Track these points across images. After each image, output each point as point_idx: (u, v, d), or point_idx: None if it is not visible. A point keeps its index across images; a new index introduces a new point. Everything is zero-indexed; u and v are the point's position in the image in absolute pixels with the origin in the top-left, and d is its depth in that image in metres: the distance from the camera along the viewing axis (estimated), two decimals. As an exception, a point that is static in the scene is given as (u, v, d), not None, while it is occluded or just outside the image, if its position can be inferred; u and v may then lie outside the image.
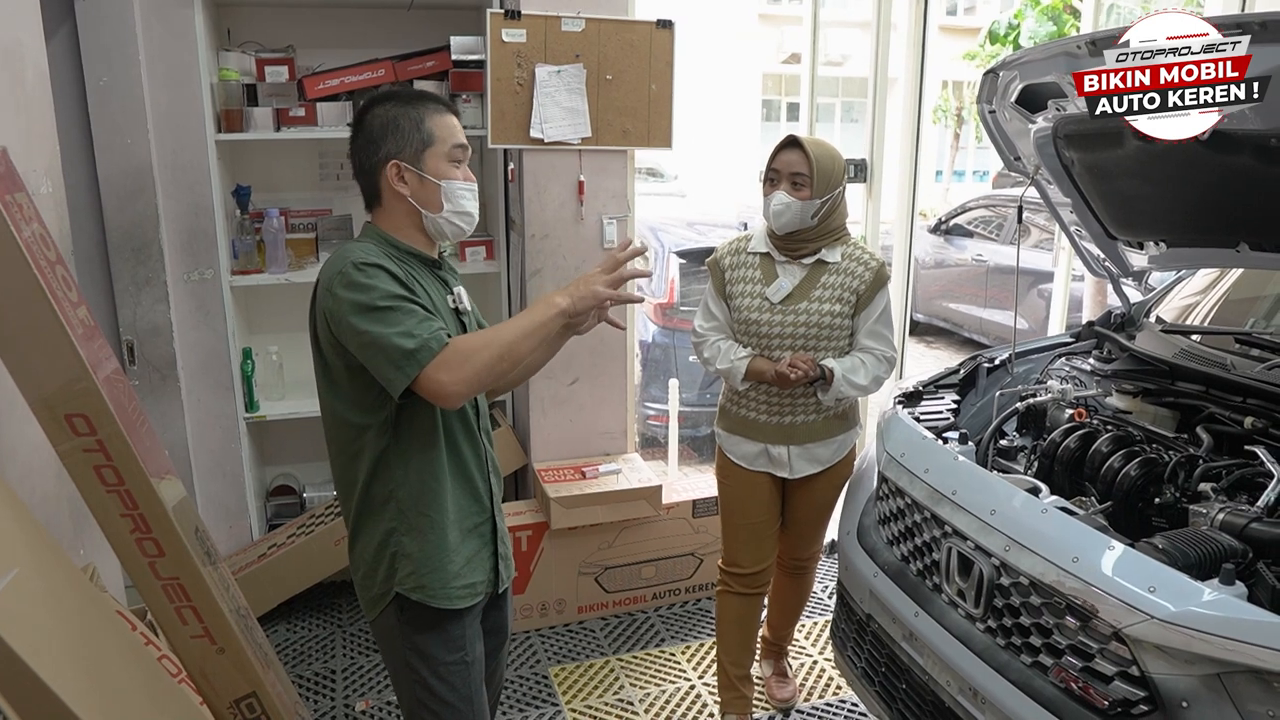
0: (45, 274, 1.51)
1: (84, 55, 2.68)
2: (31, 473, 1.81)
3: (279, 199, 3.21)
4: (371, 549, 1.64)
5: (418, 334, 1.46)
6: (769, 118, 17.84)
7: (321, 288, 1.55)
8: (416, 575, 1.61)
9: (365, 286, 1.48)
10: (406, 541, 1.62)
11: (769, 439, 2.38)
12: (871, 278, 2.29)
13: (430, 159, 1.59)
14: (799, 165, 2.22)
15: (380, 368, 1.48)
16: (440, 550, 1.62)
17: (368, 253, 1.53)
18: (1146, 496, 1.80)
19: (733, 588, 2.50)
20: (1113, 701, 1.45)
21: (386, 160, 1.57)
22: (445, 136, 1.60)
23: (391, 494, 1.61)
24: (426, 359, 1.45)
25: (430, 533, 1.62)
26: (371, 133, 1.57)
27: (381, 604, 1.64)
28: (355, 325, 1.47)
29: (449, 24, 3.11)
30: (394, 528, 1.62)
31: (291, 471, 3.48)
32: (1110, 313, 2.52)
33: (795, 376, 2.21)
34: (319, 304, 1.57)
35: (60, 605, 1.44)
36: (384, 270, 1.50)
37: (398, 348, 1.45)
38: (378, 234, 1.62)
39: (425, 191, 1.59)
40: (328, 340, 1.56)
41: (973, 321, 7.34)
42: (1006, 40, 9.26)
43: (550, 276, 3.11)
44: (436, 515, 1.62)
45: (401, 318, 1.47)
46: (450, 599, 1.64)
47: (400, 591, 1.62)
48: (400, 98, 1.61)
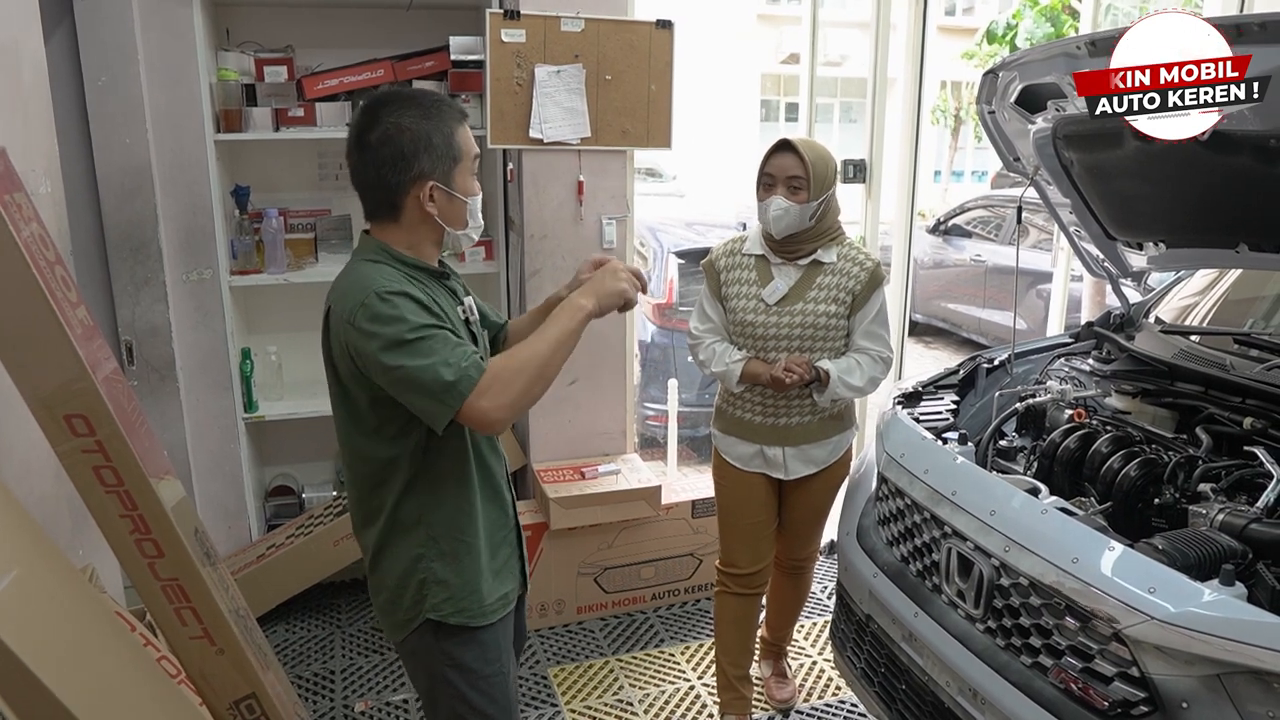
0: (44, 274, 1.50)
1: (82, 55, 2.67)
2: (30, 473, 1.80)
3: (278, 199, 3.21)
4: (395, 575, 1.59)
5: (453, 363, 1.40)
6: (767, 118, 17.85)
7: (339, 319, 1.47)
8: (454, 600, 1.58)
9: (392, 318, 1.40)
10: (438, 568, 1.57)
11: (764, 440, 2.38)
12: (867, 278, 2.28)
13: (459, 176, 1.53)
14: (795, 169, 2.20)
15: (419, 402, 1.42)
16: (476, 572, 1.60)
17: (386, 279, 1.45)
18: (1146, 497, 1.80)
19: (730, 588, 2.50)
20: (1113, 702, 1.45)
21: (420, 179, 1.49)
22: (469, 150, 1.54)
23: (420, 520, 1.56)
24: (468, 389, 1.39)
25: (465, 557, 1.59)
26: (401, 148, 1.46)
27: (409, 628, 1.61)
28: (386, 361, 1.40)
29: (448, 24, 3.10)
30: (422, 554, 1.57)
31: (290, 472, 3.48)
32: (1109, 313, 2.52)
33: (790, 380, 2.20)
34: (339, 336, 1.48)
35: (59, 606, 1.43)
36: (408, 298, 1.43)
37: (437, 380, 1.39)
38: (383, 250, 1.53)
39: (453, 210, 1.54)
40: (350, 374, 1.49)
41: (971, 322, 7.34)
42: (1004, 40, 9.27)
43: (549, 277, 3.10)
44: (471, 539, 1.59)
45: (435, 347, 1.40)
46: (487, 615, 1.62)
47: (434, 618, 1.58)
48: (420, 106, 1.50)
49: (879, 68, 3.36)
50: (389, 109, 1.49)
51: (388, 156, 1.47)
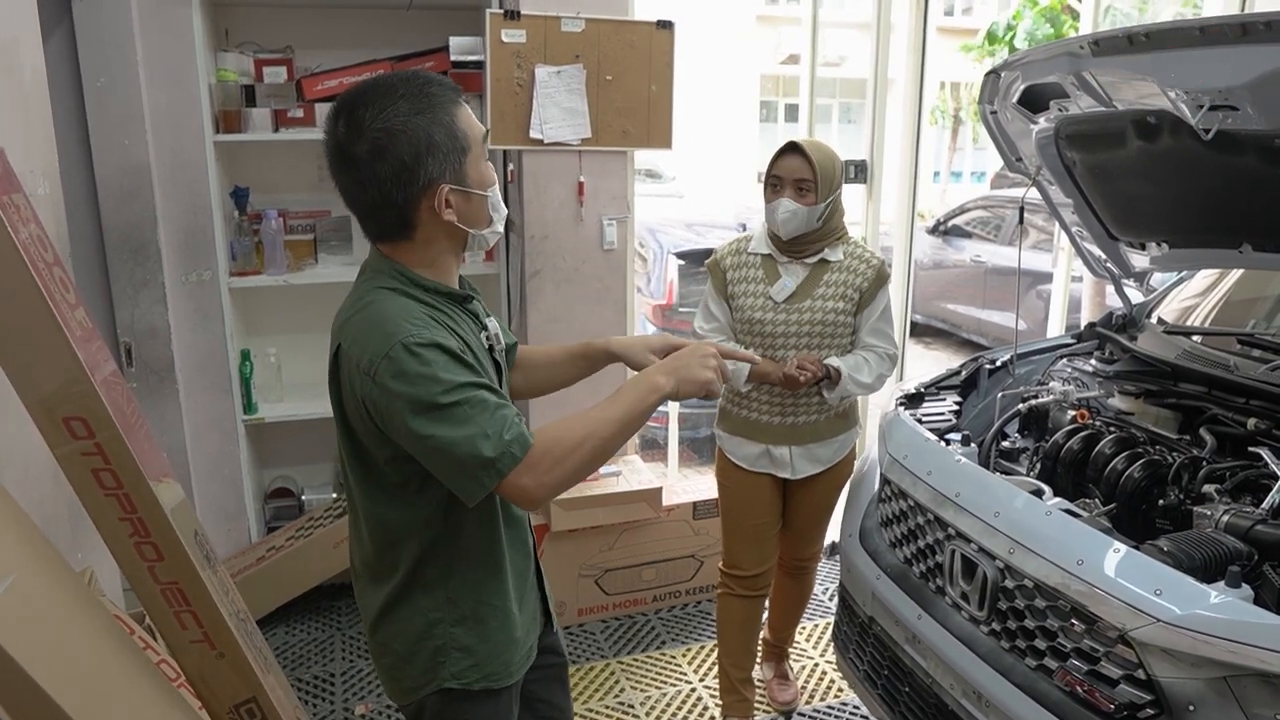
0: (43, 276, 1.50)
1: (81, 55, 2.66)
2: (29, 476, 1.79)
3: (277, 200, 3.20)
4: (406, 640, 1.40)
5: (493, 434, 1.20)
6: (767, 119, 17.85)
7: (355, 368, 1.24)
8: (479, 667, 1.40)
9: (423, 378, 1.19)
10: (459, 633, 1.39)
11: (772, 440, 2.37)
12: (874, 275, 2.30)
13: (472, 168, 1.30)
14: (803, 171, 2.21)
15: (451, 477, 1.24)
16: (505, 634, 1.42)
17: (413, 323, 1.23)
18: (1150, 499, 1.79)
19: (734, 590, 2.49)
20: (1119, 705, 1.44)
21: (430, 186, 1.26)
22: (475, 134, 1.31)
23: (441, 583, 1.38)
24: (508, 467, 1.21)
25: (492, 620, 1.41)
26: (400, 158, 1.23)
27: (418, 694, 1.42)
28: (416, 429, 1.20)
29: (448, 24, 3.10)
30: (439, 619, 1.38)
31: (290, 474, 3.47)
32: (1112, 314, 2.51)
33: (804, 379, 2.20)
34: (353, 386, 1.26)
35: (58, 610, 1.43)
36: (440, 350, 1.22)
37: (474, 457, 1.20)
38: (401, 275, 1.31)
39: (473, 208, 1.32)
40: (367, 431, 1.28)
41: (971, 322, 7.34)
42: (1004, 41, 9.28)
43: (549, 278, 3.10)
44: (499, 600, 1.41)
45: (472, 414, 1.20)
46: (512, 675, 1.45)
47: (455, 686, 1.40)
48: (406, 97, 1.24)
49: (879, 68, 3.35)
50: (370, 110, 1.23)
51: (386, 172, 1.24)
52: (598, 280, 3.16)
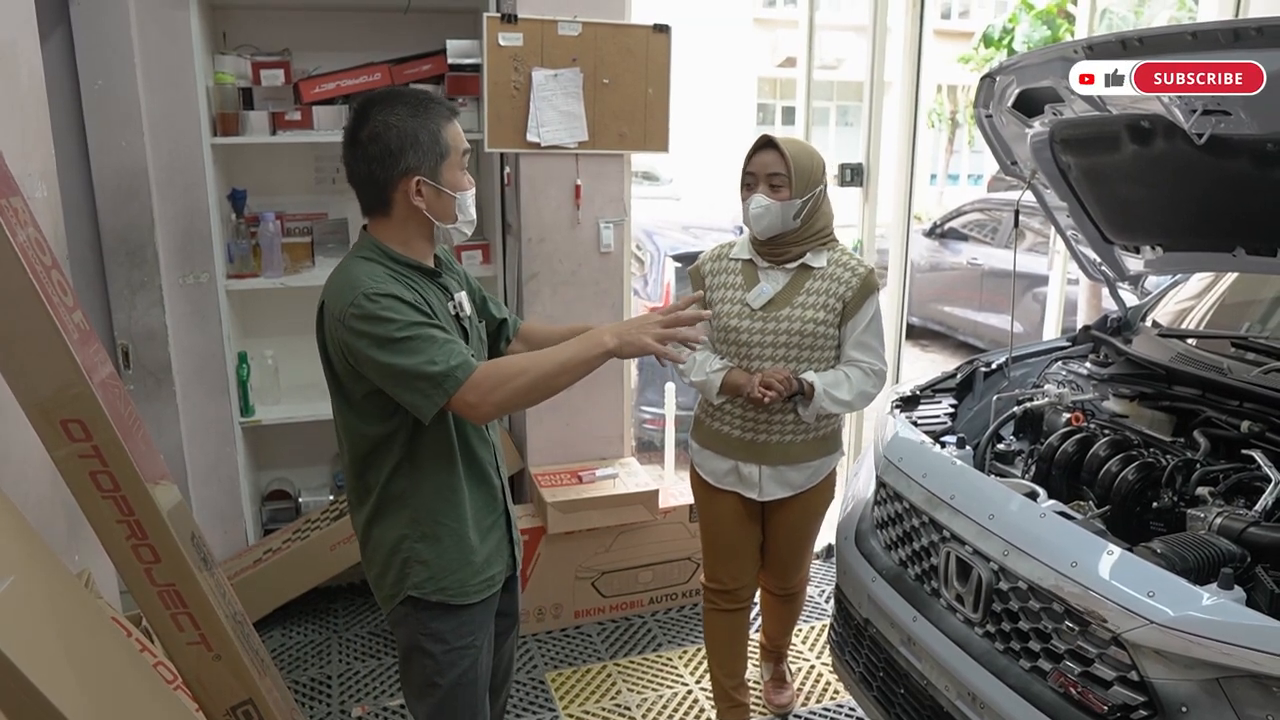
0: (40, 279, 1.50)
1: (79, 58, 2.67)
2: (26, 478, 1.79)
3: (275, 203, 3.20)
4: (382, 553, 1.68)
5: (440, 360, 1.49)
6: (764, 121, 17.87)
7: (332, 317, 1.55)
8: (435, 580, 1.66)
9: (381, 319, 1.49)
10: (421, 548, 1.66)
11: (740, 456, 2.27)
12: (859, 284, 2.18)
13: (447, 171, 1.59)
14: (775, 165, 2.12)
15: (406, 396, 1.52)
16: (459, 554, 1.68)
17: (375, 279, 1.53)
18: (1144, 501, 1.80)
19: (718, 604, 2.44)
20: (1112, 706, 1.45)
21: (406, 174, 1.56)
22: (457, 145, 1.61)
23: (404, 503, 1.65)
24: (453, 387, 1.49)
25: (448, 539, 1.67)
26: (388, 145, 1.54)
27: (393, 601, 1.70)
28: (377, 359, 1.49)
29: (445, 28, 3.10)
30: (405, 534, 1.66)
31: (287, 476, 3.47)
32: (1107, 317, 2.52)
33: (768, 399, 2.09)
34: (332, 333, 1.56)
35: (55, 612, 1.43)
36: (395, 298, 1.51)
37: (423, 376, 1.48)
38: (377, 248, 1.61)
39: (441, 204, 1.61)
40: (344, 369, 1.58)
41: (967, 325, 7.36)
42: (1001, 44, 9.31)
43: (547, 280, 3.10)
44: (454, 523, 1.67)
45: (423, 346, 1.49)
46: (468, 595, 1.69)
47: (416, 595, 1.67)
48: (407, 103, 1.57)
49: (876, 71, 3.36)
50: (379, 107, 1.56)
51: (376, 153, 1.54)
52: (594, 283, 3.17)
